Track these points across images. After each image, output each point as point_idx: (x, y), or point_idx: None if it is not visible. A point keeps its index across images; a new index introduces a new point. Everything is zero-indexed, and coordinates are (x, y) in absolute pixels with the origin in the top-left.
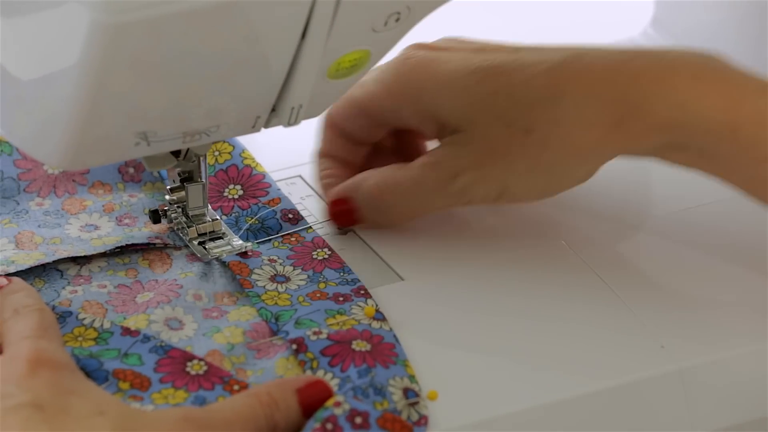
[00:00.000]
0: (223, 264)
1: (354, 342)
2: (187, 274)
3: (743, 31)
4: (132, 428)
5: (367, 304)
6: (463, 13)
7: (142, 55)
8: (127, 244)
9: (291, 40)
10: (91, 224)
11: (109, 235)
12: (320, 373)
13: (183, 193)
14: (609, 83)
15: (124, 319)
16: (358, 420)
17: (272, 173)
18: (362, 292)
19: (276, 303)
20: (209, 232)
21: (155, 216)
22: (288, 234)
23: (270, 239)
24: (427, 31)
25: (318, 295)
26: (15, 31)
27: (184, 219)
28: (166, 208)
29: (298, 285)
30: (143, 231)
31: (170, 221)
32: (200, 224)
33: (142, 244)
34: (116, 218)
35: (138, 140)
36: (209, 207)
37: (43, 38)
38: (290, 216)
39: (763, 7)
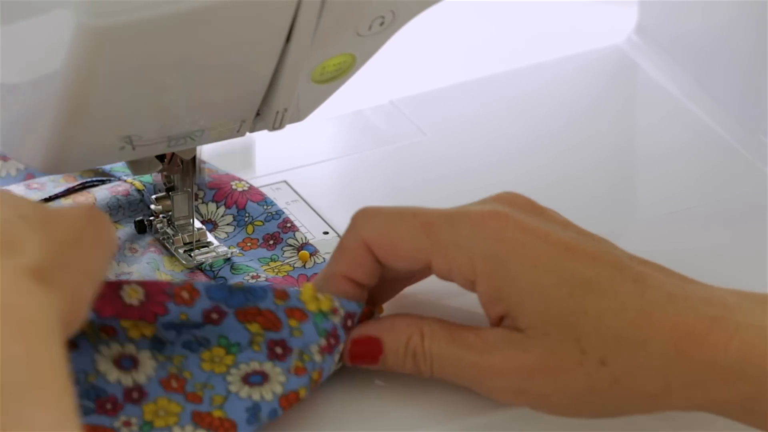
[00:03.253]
0: (149, 208)
1: (291, 289)
2: (117, 226)
3: (731, 37)
4: (48, 226)
5: (296, 238)
6: (448, 17)
7: (127, 59)
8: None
9: (275, 44)
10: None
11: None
12: None
13: (168, 202)
14: (698, 342)
15: None
16: (349, 323)
17: (257, 179)
18: (288, 225)
19: None
20: (195, 241)
21: (140, 226)
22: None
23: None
24: (411, 34)
25: (249, 244)
26: (1, 38)
27: (169, 229)
28: (151, 218)
29: (226, 233)
30: (58, 188)
31: (155, 231)
32: (186, 233)
33: (62, 193)
34: (25, 176)
35: (123, 144)
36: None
37: (29, 44)
38: None
39: (754, 13)
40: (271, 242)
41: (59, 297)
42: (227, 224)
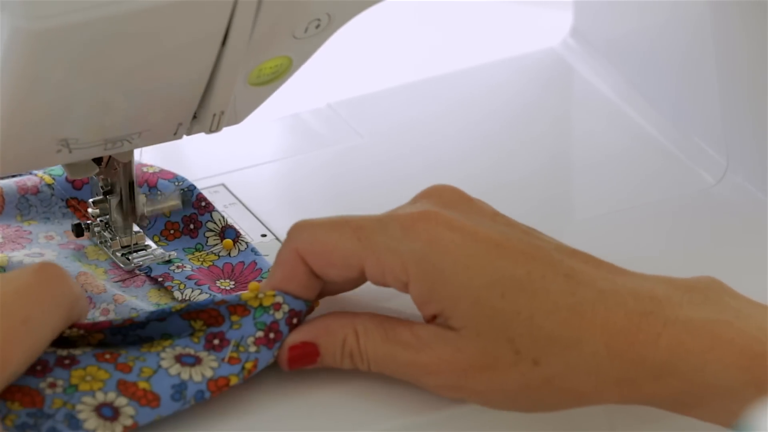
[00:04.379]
0: (63, 202)
1: (218, 282)
2: (30, 222)
3: (665, 40)
4: None
5: (215, 220)
6: (383, 20)
7: (63, 62)
8: None
9: (211, 47)
10: None
11: None
12: (188, 292)
13: (106, 205)
14: (628, 340)
15: None
16: (295, 321)
17: (195, 182)
18: (204, 204)
19: None
20: (133, 245)
21: (78, 229)
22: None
23: None
24: (348, 37)
25: (172, 231)
26: None
27: (107, 233)
28: (89, 221)
29: (148, 220)
30: None
31: (93, 234)
32: (123, 237)
33: None
34: None
35: (59, 147)
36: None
37: None
38: None
39: (687, 16)
40: (192, 227)
41: None
42: (142, 205)
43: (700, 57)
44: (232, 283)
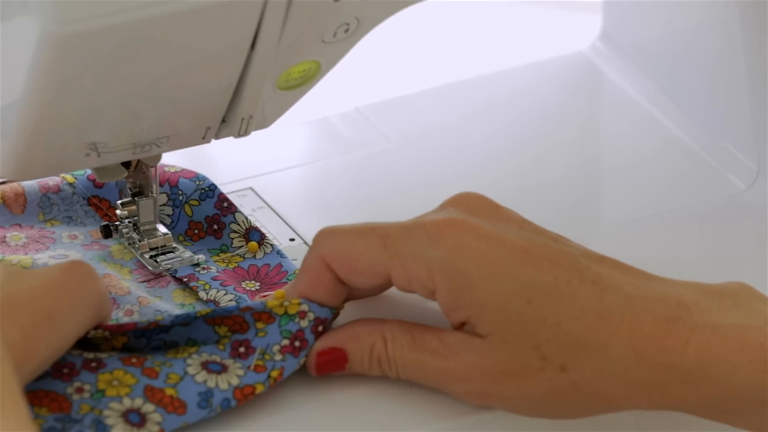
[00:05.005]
0: (85, 200)
1: (243, 283)
2: (53, 223)
3: (695, 44)
4: (18, 278)
5: (238, 221)
6: (412, 24)
7: (91, 66)
8: None
9: (240, 51)
10: None
11: None
12: (213, 293)
13: (134, 207)
14: (656, 345)
15: (3, 257)
16: (320, 328)
17: (223, 185)
18: (225, 205)
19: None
20: (161, 247)
21: (107, 231)
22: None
23: None
24: (376, 41)
25: (196, 231)
26: None
27: (135, 234)
28: (117, 222)
29: (168, 216)
30: None
31: (121, 236)
32: (152, 239)
33: None
34: None
35: (88, 151)
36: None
37: None
38: None
39: (717, 20)
40: (215, 227)
41: (11, 331)
42: (163, 204)
43: (731, 61)
44: (258, 284)
